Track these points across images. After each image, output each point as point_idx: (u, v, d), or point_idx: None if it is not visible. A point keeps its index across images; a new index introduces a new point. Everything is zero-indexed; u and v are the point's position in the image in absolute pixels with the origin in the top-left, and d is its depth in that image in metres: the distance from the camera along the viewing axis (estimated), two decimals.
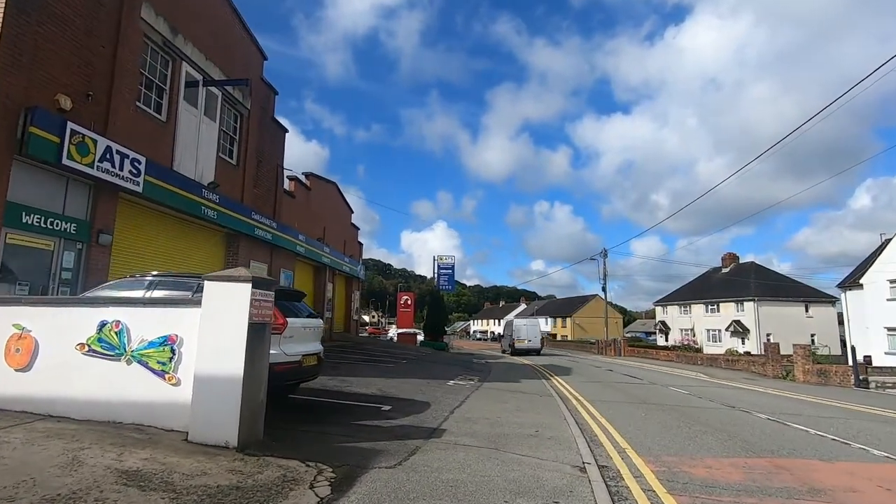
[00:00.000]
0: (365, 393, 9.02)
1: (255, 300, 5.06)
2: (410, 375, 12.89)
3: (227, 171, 15.26)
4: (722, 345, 47.06)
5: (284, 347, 6.30)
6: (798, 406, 11.13)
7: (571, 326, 77.86)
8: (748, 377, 19.50)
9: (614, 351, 39.43)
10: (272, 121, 18.28)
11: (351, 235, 29.56)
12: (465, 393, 10.40)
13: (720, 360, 25.13)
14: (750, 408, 10.28)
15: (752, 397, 12.67)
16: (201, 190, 13.22)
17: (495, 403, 9.23)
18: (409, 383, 11.10)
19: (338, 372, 11.82)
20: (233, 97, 15.34)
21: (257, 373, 5.14)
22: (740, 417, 8.93)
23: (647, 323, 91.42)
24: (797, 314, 46.43)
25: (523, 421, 7.54)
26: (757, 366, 21.33)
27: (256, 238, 16.36)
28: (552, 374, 17.81)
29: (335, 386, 9.51)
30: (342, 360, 15.03)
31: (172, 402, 5.12)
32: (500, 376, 15.72)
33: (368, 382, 10.46)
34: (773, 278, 49.44)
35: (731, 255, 55.20)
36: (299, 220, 20.76)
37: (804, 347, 18.37)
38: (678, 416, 8.75)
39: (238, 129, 16.05)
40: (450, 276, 33.45)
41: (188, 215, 13.03)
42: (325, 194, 24.54)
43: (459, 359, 23.70)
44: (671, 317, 57.49)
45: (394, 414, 7.30)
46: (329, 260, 23.60)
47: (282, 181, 19.11)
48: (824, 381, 17.35)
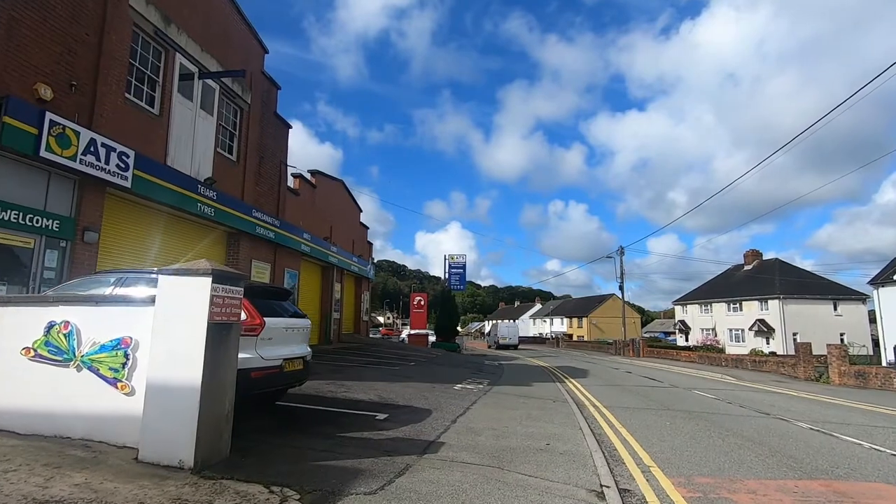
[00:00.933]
0: (362, 399, 8.32)
1: (217, 297, 4.38)
2: (416, 379, 12.17)
3: (226, 168, 14.73)
4: (745, 345, 45.39)
5: (262, 351, 5.62)
6: (841, 413, 10.11)
7: (588, 327, 76.39)
8: (778, 379, 18.35)
9: (632, 352, 38.21)
10: (275, 116, 17.75)
11: (360, 235, 29.00)
12: (472, 398, 9.64)
13: (746, 360, 23.88)
14: (787, 415, 9.31)
15: (786, 402, 11.65)
16: (197, 186, 12.68)
17: (504, 410, 8.45)
18: (413, 387, 10.37)
19: (338, 375, 11.16)
20: (231, 91, 14.81)
21: (221, 381, 4.46)
22: (779, 427, 8.00)
23: (665, 323, 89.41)
24: (825, 312, 44.53)
25: (533, 431, 6.75)
26: (787, 367, 20.11)
27: (258, 237, 15.82)
28: (567, 377, 16.92)
29: (331, 391, 8.83)
30: (346, 363, 14.38)
31: (125, 414, 4.46)
32: (511, 379, 14.91)
33: (369, 387, 9.76)
34: (798, 275, 47.56)
35: (753, 252, 53.33)
36: (304, 219, 20.21)
37: (839, 347, 17.15)
38: (708, 426, 7.86)
39: (238, 124, 15.53)
40: (461, 275, 32.69)
41: (184, 212, 12.50)
42: (332, 192, 23.99)
43: (471, 360, 22.91)
44: (691, 316, 55.81)
45: (389, 424, 6.57)
46: (336, 259, 23.04)
47: (285, 178, 18.58)
48: (863, 384, 16.15)
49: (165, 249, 12.48)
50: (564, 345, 61.04)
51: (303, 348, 6.63)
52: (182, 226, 13.07)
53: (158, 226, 12.23)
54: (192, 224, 13.38)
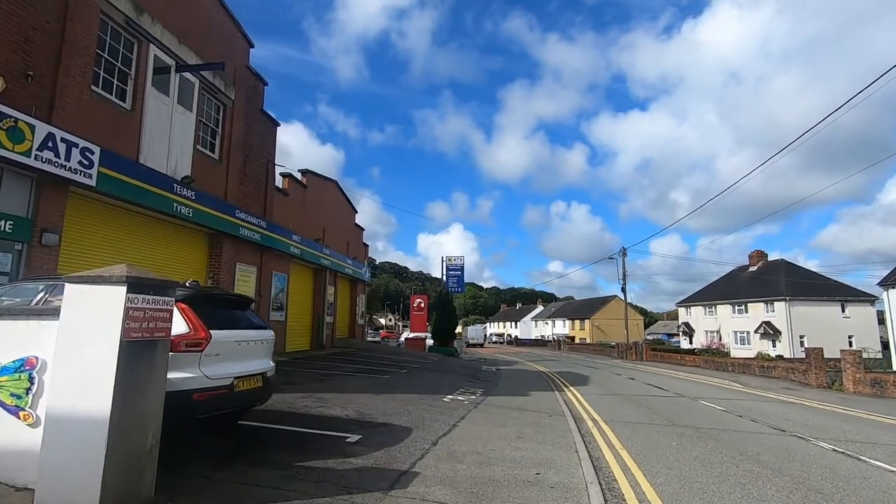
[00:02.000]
0: (337, 416, 7.58)
1: (134, 310, 3.65)
2: (404, 389, 11.43)
3: (207, 166, 14.04)
4: (751, 347, 44.47)
5: (208, 369, 4.89)
6: (864, 429, 9.31)
7: (590, 329, 75.47)
8: (788, 387, 17.53)
9: (635, 355, 37.37)
10: (261, 113, 17.07)
11: (355, 236, 28.30)
12: (461, 412, 8.89)
13: (753, 365, 23.03)
14: (805, 431, 8.53)
15: (801, 415, 10.86)
16: (173, 185, 11.98)
17: (493, 428, 7.70)
18: (398, 400, 9.62)
19: (319, 386, 10.43)
20: (213, 86, 14.13)
21: (140, 410, 3.73)
22: (798, 448, 7.22)
23: (668, 324, 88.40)
24: (832, 314, 43.58)
25: (523, 456, 5.99)
26: (797, 373, 19.26)
27: (243, 239, 15.12)
28: (567, 385, 16.15)
29: (305, 406, 8.10)
30: (332, 371, 13.65)
31: (28, 448, 3.73)
32: (507, 388, 14.15)
33: (349, 400, 9.02)
34: (805, 276, 46.61)
35: (759, 253, 52.40)
36: (294, 220, 19.51)
37: (854, 353, 16.32)
38: (719, 447, 7.08)
39: (220, 120, 14.84)
40: (459, 277, 31.93)
41: (159, 213, 11.81)
42: (324, 193, 23.30)
43: (467, 366, 22.15)
44: (695, 318, 54.89)
45: (359, 448, 5.83)
46: (329, 262, 22.33)
47: (273, 178, 17.88)
48: (879, 393, 15.32)
49: (139, 253, 11.78)
50: (566, 347, 60.19)
51: (263, 363, 5.89)
52: (158, 228, 12.38)
53: (130, 228, 11.54)
54: (168, 226, 12.69)
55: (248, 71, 16.29)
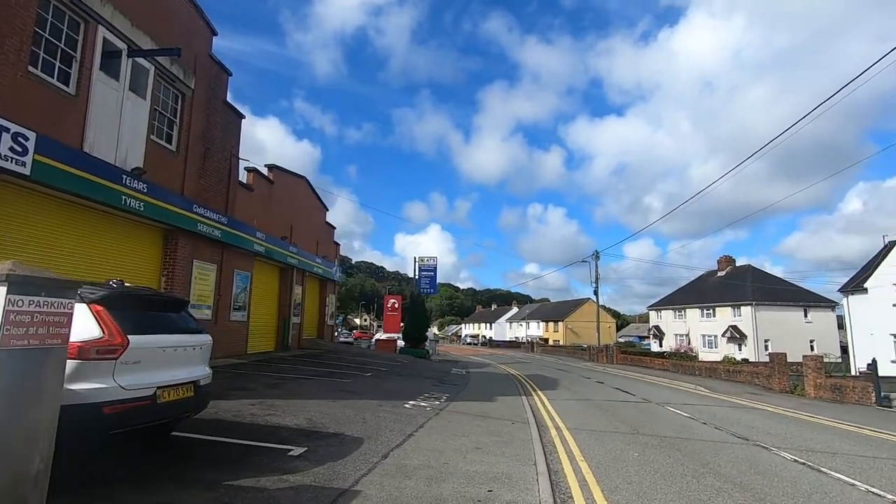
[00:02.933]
0: (285, 425, 7.10)
1: (18, 313, 3.15)
2: (365, 394, 10.98)
3: (163, 158, 13.31)
4: (718, 351, 45.42)
5: (124, 378, 4.38)
6: (825, 437, 9.30)
7: (564, 331, 76.09)
8: (752, 391, 17.73)
9: (606, 358, 37.65)
10: (224, 104, 16.35)
11: (325, 235, 27.61)
12: (421, 420, 8.50)
13: (719, 370, 23.33)
14: (767, 440, 8.44)
15: (765, 422, 10.85)
16: (122, 177, 11.25)
17: (451, 438, 7.34)
18: (356, 406, 9.18)
19: (273, 392, 9.89)
20: (170, 73, 13.39)
21: (26, 428, 3.23)
22: (761, 459, 7.08)
23: (640, 327, 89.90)
24: (796, 319, 44.88)
25: (477, 470, 5.65)
26: (761, 378, 19.54)
27: (201, 235, 14.41)
28: (535, 389, 15.94)
29: (252, 414, 7.58)
30: (292, 374, 13.09)
31: None
32: (474, 392, 13.83)
33: (302, 407, 8.54)
34: (770, 282, 47.91)
35: (727, 259, 53.65)
36: (259, 217, 18.81)
37: (816, 359, 16.59)
38: (681, 459, 6.88)
39: (178, 110, 14.10)
40: (432, 278, 31.55)
41: (105, 206, 11.07)
42: (292, 189, 22.59)
43: (437, 368, 21.77)
44: (665, 322, 55.84)
45: (301, 463, 5.39)
46: (296, 261, 21.65)
47: (236, 172, 17.18)
48: (839, 398, 15.59)
49: (81, 249, 11.02)
50: (539, 350, 60.45)
51: (197, 371, 5.39)
52: (105, 222, 11.63)
53: (73, 222, 10.77)
54: (117, 220, 11.94)
55: (211, 60, 15.57)
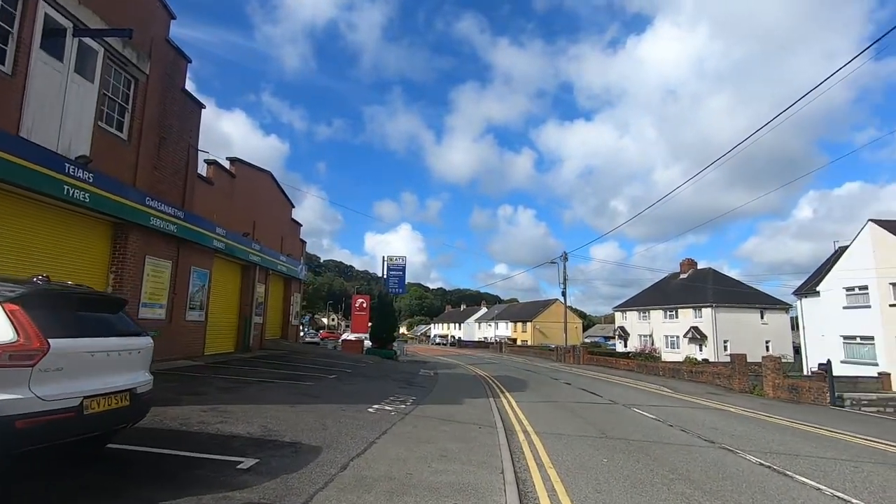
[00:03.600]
0: (237, 434, 6.61)
1: None
2: (327, 398, 10.52)
3: (112, 146, 12.47)
4: (680, 351, 46.67)
5: (42, 388, 3.86)
6: (787, 439, 9.42)
7: (532, 331, 76.82)
8: (714, 392, 18.12)
9: (573, 358, 38.07)
10: (182, 92, 15.51)
11: (290, 232, 26.79)
12: (385, 426, 8.14)
13: (682, 370, 23.84)
14: (732, 443, 8.47)
15: (728, 423, 10.97)
16: (64, 165, 10.42)
17: (416, 444, 7.00)
18: (317, 412, 8.73)
19: (228, 396, 9.33)
20: (122, 57, 12.55)
21: None
22: (727, 463, 7.04)
23: (606, 327, 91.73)
24: (753, 320, 46.56)
25: (442, 481, 5.34)
26: (722, 378, 20.03)
27: (154, 229, 13.59)
28: (504, 391, 15.78)
29: (202, 422, 7.05)
30: (251, 378, 12.47)
31: None
32: (441, 395, 13.53)
33: (258, 413, 8.04)
34: (729, 284, 49.57)
35: (689, 261, 55.24)
36: (220, 212, 17.98)
37: (774, 359, 17.08)
38: (650, 464, 6.77)
39: (131, 97, 13.25)
40: (400, 277, 31.09)
41: (47, 197, 10.24)
42: (256, 184, 21.77)
43: (404, 370, 21.38)
44: (630, 322, 57.06)
45: (250, 477, 4.95)
46: (259, 258, 20.84)
47: (194, 164, 16.32)
48: (796, 398, 16.08)
49: (15, 242, 10.15)
50: (507, 350, 60.77)
51: (132, 378, 4.88)
52: (45, 214, 10.77)
53: (9, 214, 9.90)
54: (60, 212, 11.09)
55: (168, 45, 14.73)
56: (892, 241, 24.48)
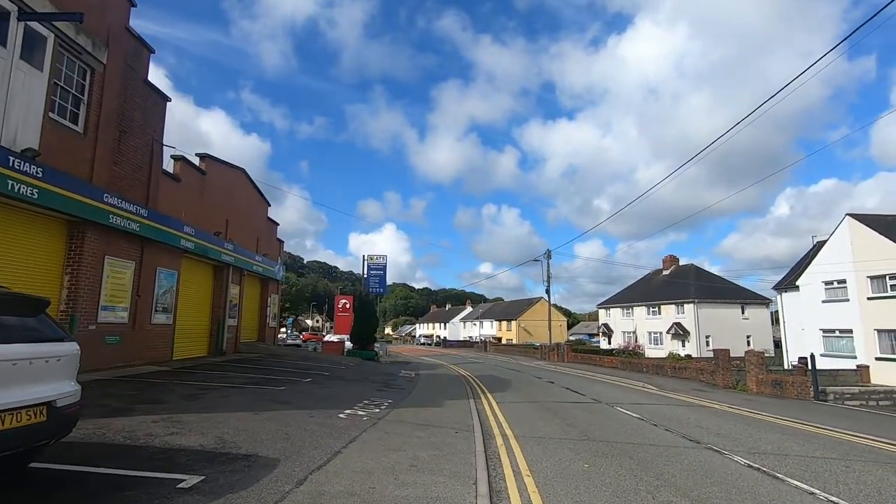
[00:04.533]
0: (187, 447, 6.02)
1: None
2: (297, 404, 9.95)
3: (66, 140, 11.71)
4: (663, 347, 46.88)
5: None
6: (775, 437, 9.12)
7: (517, 330, 76.71)
8: (698, 388, 17.94)
9: (557, 356, 37.88)
10: (145, 84, 14.73)
11: (266, 232, 26.01)
12: (354, 433, 7.61)
13: (666, 366, 23.71)
14: (719, 443, 8.15)
15: (713, 421, 10.68)
16: (8, 158, 9.68)
17: (385, 453, 6.50)
18: (282, 419, 8.16)
19: (188, 405, 8.71)
20: (75, 44, 11.79)
21: None
22: (714, 465, 6.68)
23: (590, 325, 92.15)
24: (734, 316, 47.00)
25: (409, 495, 4.85)
26: (706, 374, 19.91)
27: (114, 228, 12.84)
28: (485, 391, 15.35)
29: (150, 434, 6.44)
30: (217, 383, 11.82)
31: None
32: (420, 397, 13.04)
33: (217, 422, 7.45)
34: (711, 280, 49.98)
35: (671, 258, 55.59)
36: (189, 210, 17.23)
37: (758, 354, 16.96)
38: (634, 469, 6.37)
39: (87, 87, 12.47)
40: (381, 277, 30.48)
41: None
42: (229, 181, 21.00)
43: (384, 371, 20.82)
44: (614, 319, 57.24)
45: (192, 497, 4.40)
46: (232, 258, 20.09)
47: (160, 160, 15.55)
48: (780, 393, 15.96)
49: None
50: (492, 349, 60.50)
51: (53, 388, 4.29)
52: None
53: None
54: (7, 210, 10.33)
55: (128, 33, 13.95)
56: (870, 235, 24.70)
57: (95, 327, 12.52)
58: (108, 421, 7.02)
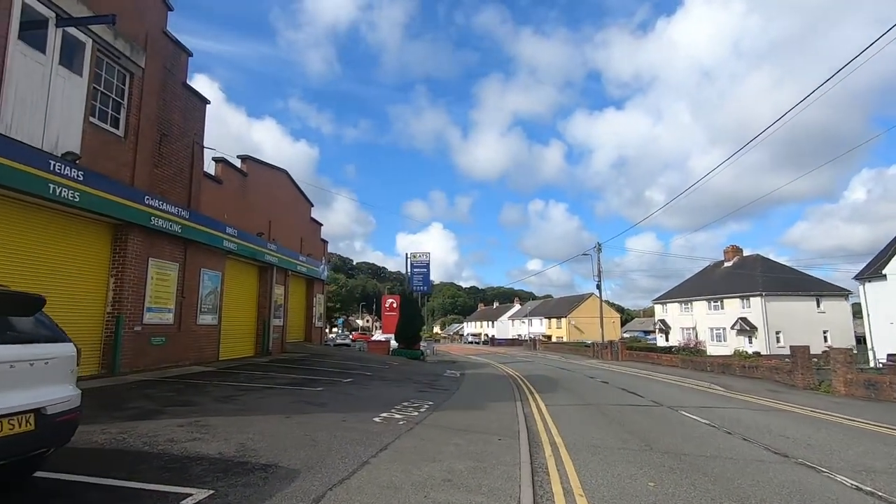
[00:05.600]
0: (205, 454, 5.60)
1: None
2: (332, 406, 9.49)
3: (107, 143, 11.87)
4: (727, 344, 43.80)
5: None
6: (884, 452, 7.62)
7: (567, 327, 74.50)
8: (773, 388, 16.17)
9: (611, 354, 36.08)
10: (184, 87, 14.89)
11: (310, 232, 26.14)
12: (387, 439, 7.00)
13: (734, 365, 21.74)
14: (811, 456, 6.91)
15: (799, 429, 9.30)
16: (49, 162, 9.81)
17: (417, 464, 5.83)
18: (313, 423, 7.68)
19: (218, 407, 8.42)
20: (114, 49, 11.94)
21: None
22: (811, 486, 5.54)
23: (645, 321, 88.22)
24: (808, 309, 43.19)
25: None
26: (781, 373, 17.97)
27: (157, 230, 12.98)
28: (533, 392, 14.43)
29: (171, 440, 6.09)
30: (257, 384, 11.61)
31: None
32: (463, 399, 12.32)
33: (244, 426, 7.05)
34: (780, 271, 46.21)
35: (734, 248, 51.93)
36: (231, 212, 17.36)
37: (845, 351, 15.01)
38: (711, 488, 5.36)
39: (127, 91, 12.64)
40: (425, 275, 30.02)
41: (30, 196, 9.66)
42: (271, 183, 21.12)
43: (428, 371, 20.27)
44: (671, 315, 54.22)
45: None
46: (276, 259, 20.18)
47: (201, 162, 15.70)
48: (874, 395, 14.02)
49: (8, 247, 9.59)
50: (542, 347, 58.91)
51: (43, 394, 3.90)
52: (34, 216, 10.22)
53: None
54: (50, 213, 10.53)
55: (166, 37, 14.10)
56: None
57: (141, 328, 12.67)
58: (134, 424, 6.77)
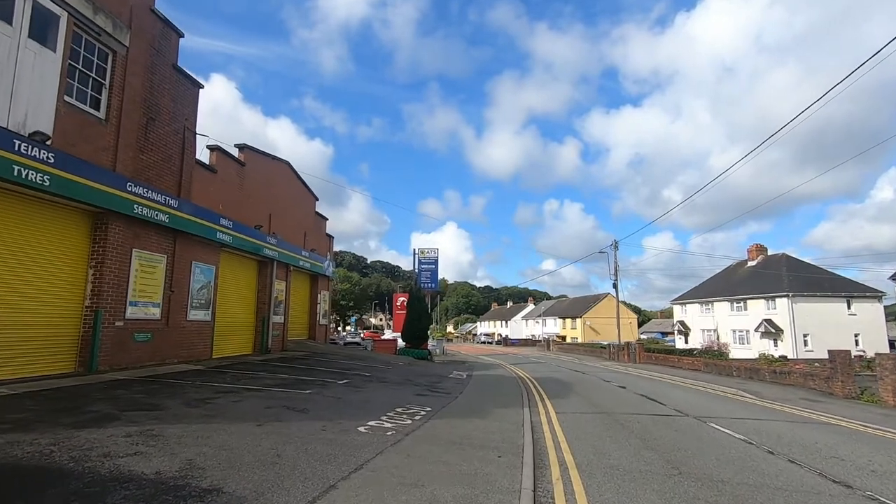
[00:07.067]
0: (139, 473, 4.64)
1: None
2: (315, 412, 8.51)
3: (84, 125, 11.07)
4: (751, 347, 41.90)
5: None
6: None
7: (582, 328, 72.80)
8: (809, 397, 14.77)
9: (627, 356, 34.61)
10: (174, 69, 14.06)
11: (314, 226, 25.29)
12: (367, 455, 5.97)
13: (763, 370, 20.24)
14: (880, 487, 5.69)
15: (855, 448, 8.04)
16: (13, 142, 9.00)
17: (394, 491, 4.78)
18: (284, 433, 6.70)
19: (189, 412, 7.49)
20: (94, 25, 11.13)
21: None
22: None
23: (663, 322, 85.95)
24: (837, 311, 41.07)
25: None
26: (818, 380, 16.49)
27: (141, 219, 12.18)
28: (544, 396, 13.30)
29: (107, 454, 5.14)
30: (240, 386, 10.69)
31: None
32: (465, 404, 11.25)
33: (203, 436, 6.10)
34: (808, 271, 44.08)
35: (758, 247, 49.77)
36: (227, 203, 16.57)
37: (893, 358, 13.56)
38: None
39: (109, 71, 11.84)
40: (433, 272, 29.00)
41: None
42: (271, 174, 20.30)
43: (433, 372, 19.22)
44: (691, 316, 52.30)
45: None
46: (276, 253, 19.35)
47: (192, 149, 14.87)
48: None
49: None
50: (555, 348, 57.44)
51: None
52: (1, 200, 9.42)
53: None
54: (18, 198, 9.73)
55: (154, 16, 13.28)
56: None
57: (123, 324, 11.88)
58: (73, 434, 5.85)
